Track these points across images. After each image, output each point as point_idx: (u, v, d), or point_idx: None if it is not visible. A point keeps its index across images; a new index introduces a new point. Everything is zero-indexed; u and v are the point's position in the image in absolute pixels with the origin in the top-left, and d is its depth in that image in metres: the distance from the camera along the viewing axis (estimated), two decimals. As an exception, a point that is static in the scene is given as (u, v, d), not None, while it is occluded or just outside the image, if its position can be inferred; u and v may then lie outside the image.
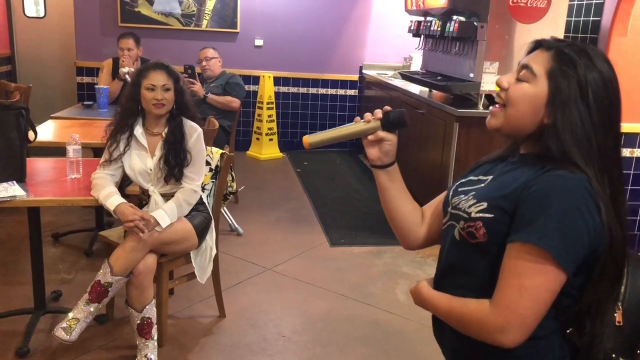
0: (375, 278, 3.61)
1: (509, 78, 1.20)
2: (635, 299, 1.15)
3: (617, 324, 1.14)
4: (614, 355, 1.14)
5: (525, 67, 1.17)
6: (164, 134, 2.59)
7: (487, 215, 1.14)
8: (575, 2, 4.21)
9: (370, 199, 5.15)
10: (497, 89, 1.23)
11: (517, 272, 1.07)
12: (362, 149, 6.64)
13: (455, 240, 1.22)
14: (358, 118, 1.34)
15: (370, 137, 1.31)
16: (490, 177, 1.24)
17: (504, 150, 1.32)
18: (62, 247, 3.81)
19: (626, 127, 3.62)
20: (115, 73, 4.46)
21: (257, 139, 6.48)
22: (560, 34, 4.07)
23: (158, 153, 2.57)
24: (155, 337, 2.56)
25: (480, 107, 4.01)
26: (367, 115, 1.32)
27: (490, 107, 1.23)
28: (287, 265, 3.72)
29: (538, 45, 1.19)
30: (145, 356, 2.52)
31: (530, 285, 1.06)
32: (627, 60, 3.73)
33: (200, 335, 2.89)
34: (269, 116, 6.42)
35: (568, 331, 1.16)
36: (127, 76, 3.91)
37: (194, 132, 2.61)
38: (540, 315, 1.08)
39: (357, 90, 6.71)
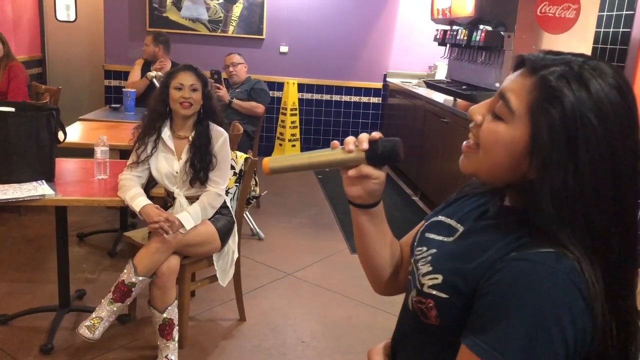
0: (395, 286, 3.59)
1: (483, 109, 0.93)
2: None
3: None
4: None
5: (502, 97, 0.89)
6: (190, 138, 2.62)
7: (440, 294, 0.91)
8: (605, 13, 4.17)
9: (392, 207, 5.14)
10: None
11: None
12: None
13: (408, 310, 1.02)
14: (336, 143, 1.03)
15: (350, 173, 1.01)
16: (459, 231, 1.00)
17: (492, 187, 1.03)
18: (86, 247, 3.87)
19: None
20: (145, 72, 4.58)
21: (280, 144, 6.52)
22: (589, 45, 4.03)
23: (184, 156, 2.60)
24: (177, 339, 2.58)
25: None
26: (349, 141, 1.01)
27: (463, 144, 0.96)
28: (308, 271, 3.73)
29: (521, 63, 0.90)
30: (166, 357, 2.54)
31: None
32: (657, 72, 3.67)
33: (220, 338, 2.91)
34: (292, 122, 6.45)
35: None
36: (154, 80, 3.97)
37: (220, 136, 2.63)
38: None
39: (380, 98, 6.71)
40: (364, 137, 1.01)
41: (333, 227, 4.54)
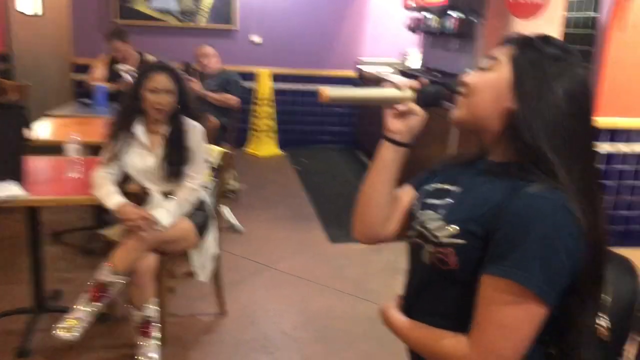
0: (375, 274, 3.61)
1: (472, 73, 1.15)
2: (620, 309, 1.12)
3: (602, 337, 1.10)
4: None
5: (489, 58, 1.13)
6: (165, 133, 2.58)
7: (458, 241, 1.06)
8: (574, -2, 4.20)
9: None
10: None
11: (496, 309, 0.99)
12: (360, 146, 6.68)
13: (425, 265, 1.14)
14: (388, 83, 1.19)
15: (400, 107, 1.18)
16: (458, 189, 1.16)
17: (471, 154, 1.24)
18: (61, 246, 3.81)
19: (626, 122, 3.63)
20: (112, 68, 4.48)
21: (255, 136, 6.47)
22: (558, 29, 4.07)
23: (159, 152, 2.56)
24: (156, 336, 2.55)
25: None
26: (401, 81, 1.18)
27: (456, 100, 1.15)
28: (288, 263, 3.72)
29: (507, 41, 1.14)
30: (147, 355, 2.51)
31: (511, 323, 0.99)
32: (626, 55, 3.72)
33: (201, 333, 2.90)
34: (267, 113, 6.41)
35: (549, 350, 1.10)
36: (126, 74, 3.89)
37: (195, 130, 2.60)
38: (523, 351, 1.01)
39: (355, 86, 6.70)
40: (414, 80, 1.20)
41: (312, 219, 4.54)
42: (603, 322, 1.10)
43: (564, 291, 1.01)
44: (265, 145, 6.44)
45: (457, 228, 1.07)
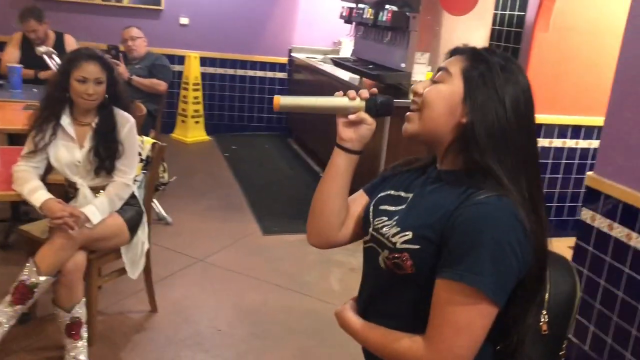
0: (309, 267, 3.61)
1: (424, 84, 1.18)
2: (558, 305, 1.18)
3: (543, 332, 1.16)
4: None
5: (440, 69, 1.17)
6: (94, 124, 2.44)
7: (413, 246, 1.10)
8: (502, -4, 4.34)
9: (302, 186, 5.14)
10: (412, 96, 1.21)
11: (451, 310, 1.05)
12: (292, 133, 6.64)
13: (380, 268, 1.18)
14: (340, 93, 1.24)
15: (352, 117, 1.22)
16: (411, 196, 1.21)
17: (422, 161, 1.29)
18: (-26, 239, 3.54)
19: (547, 118, 3.80)
20: (25, 49, 4.18)
21: (183, 121, 6.28)
22: (488, 26, 4.20)
23: (87, 144, 2.42)
24: (85, 337, 2.44)
25: (411, 97, 4.07)
26: (352, 92, 1.23)
27: (407, 114, 1.19)
28: (220, 256, 3.65)
29: (454, 52, 1.19)
30: (75, 357, 2.39)
31: (465, 323, 1.04)
32: (549, 55, 3.89)
33: (131, 332, 2.79)
34: (195, 98, 6.23)
35: (497, 348, 1.16)
36: (44, 56, 3.64)
37: (126, 122, 2.47)
38: (476, 349, 1.07)
39: (286, 74, 6.64)
40: (364, 90, 1.23)
41: (243, 209, 4.47)
42: (543, 318, 1.16)
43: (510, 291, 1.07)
44: (192, 131, 6.27)
45: (411, 233, 1.11)
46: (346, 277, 3.49)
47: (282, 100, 1.22)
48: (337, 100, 1.23)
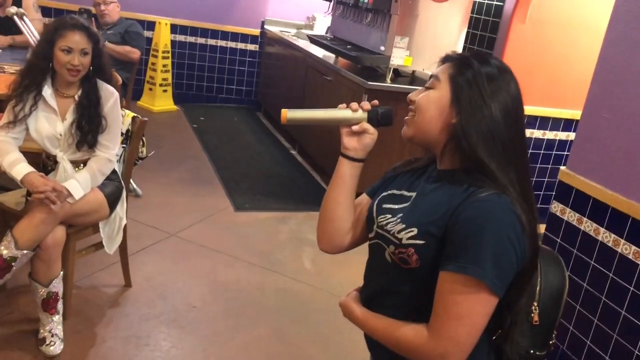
0: (281, 245, 3.65)
1: (418, 92, 1.27)
2: (549, 296, 1.27)
3: (534, 322, 1.24)
4: (532, 351, 1.26)
5: (432, 77, 1.26)
6: (76, 97, 2.37)
7: (418, 242, 1.17)
8: (481, -16, 4.38)
9: (272, 162, 5.13)
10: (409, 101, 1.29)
11: (453, 301, 1.11)
12: (260, 107, 6.59)
13: (387, 263, 1.25)
14: (343, 105, 1.32)
15: (355, 128, 1.31)
16: (413, 194, 1.27)
17: (421, 162, 1.36)
18: None
19: (526, 110, 3.90)
20: None
21: (150, 89, 6.15)
22: (467, 14, 4.24)
23: (70, 117, 2.36)
24: (61, 312, 2.42)
25: (388, 80, 4.10)
26: (354, 104, 1.31)
27: (405, 118, 1.28)
28: (192, 231, 3.64)
29: (445, 60, 1.27)
30: (50, 331, 2.37)
31: (467, 313, 1.11)
32: (524, 46, 3.97)
33: (106, 306, 2.78)
34: (164, 66, 6.10)
35: (494, 337, 1.23)
36: (15, 17, 3.49)
37: (110, 96, 2.42)
38: (477, 338, 1.13)
39: (258, 46, 6.55)
40: (366, 102, 1.32)
41: (214, 183, 4.45)
42: (534, 309, 1.25)
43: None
44: (160, 100, 6.15)
45: (416, 230, 1.18)
46: (318, 257, 3.53)
47: (289, 114, 1.30)
48: (341, 112, 1.31)
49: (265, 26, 6.46)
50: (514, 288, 1.16)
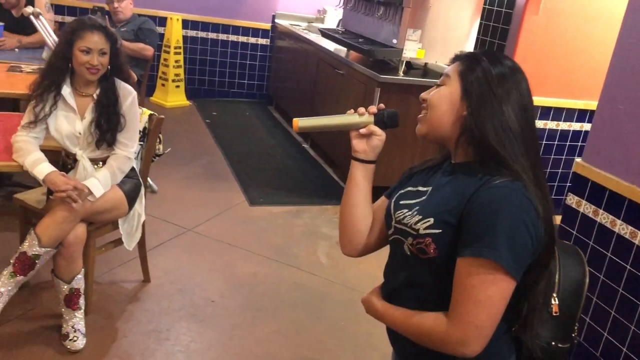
0: (296, 239, 3.68)
1: (430, 90, 1.32)
2: (569, 288, 1.28)
3: (554, 313, 1.25)
4: (553, 343, 1.27)
5: (443, 75, 1.31)
6: (95, 96, 2.40)
7: (435, 231, 1.20)
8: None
9: (285, 156, 5.16)
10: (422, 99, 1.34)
11: (471, 285, 1.13)
12: (272, 101, 6.60)
13: (406, 256, 1.27)
14: (352, 110, 1.37)
15: (362, 130, 1.36)
16: (429, 189, 1.30)
17: (437, 159, 1.40)
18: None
19: (538, 100, 3.89)
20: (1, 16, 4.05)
21: (163, 85, 6.18)
22: (479, 5, 4.23)
23: (89, 116, 2.39)
24: (83, 307, 2.46)
25: (401, 73, 4.11)
26: (361, 109, 1.36)
27: (418, 117, 1.33)
28: (208, 226, 3.68)
29: (456, 59, 1.32)
30: (73, 327, 2.42)
31: (485, 297, 1.12)
32: (537, 38, 3.96)
33: (126, 302, 2.82)
34: (176, 61, 6.12)
35: (513, 328, 1.25)
36: (32, 17, 3.53)
37: (128, 95, 2.45)
38: (496, 323, 1.15)
39: (269, 40, 6.56)
40: (372, 107, 1.37)
41: (228, 178, 4.48)
42: (554, 300, 1.26)
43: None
44: (172, 95, 6.18)
45: (432, 219, 1.21)
46: (333, 250, 3.56)
47: (300, 123, 1.36)
48: (349, 117, 1.36)
49: (276, 20, 6.47)
50: (531, 273, 1.18)
